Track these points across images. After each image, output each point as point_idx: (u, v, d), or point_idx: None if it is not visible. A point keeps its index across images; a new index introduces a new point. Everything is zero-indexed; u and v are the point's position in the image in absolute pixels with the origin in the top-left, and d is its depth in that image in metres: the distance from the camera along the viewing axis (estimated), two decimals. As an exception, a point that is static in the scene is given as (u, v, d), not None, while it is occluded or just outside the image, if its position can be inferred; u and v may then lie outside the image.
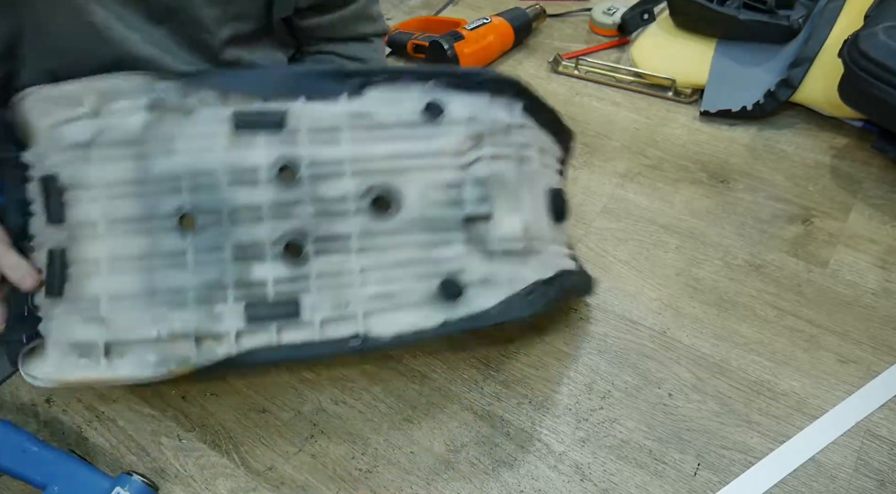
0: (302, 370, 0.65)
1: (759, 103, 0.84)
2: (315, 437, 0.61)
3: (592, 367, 0.64)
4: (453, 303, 0.55)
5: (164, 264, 0.51)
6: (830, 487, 0.55)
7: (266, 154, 0.52)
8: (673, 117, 0.88)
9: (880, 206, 0.76)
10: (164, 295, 0.51)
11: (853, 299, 0.68)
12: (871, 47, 0.71)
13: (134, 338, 0.52)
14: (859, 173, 0.79)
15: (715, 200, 0.78)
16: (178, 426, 0.61)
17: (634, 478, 0.57)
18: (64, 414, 0.63)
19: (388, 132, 0.55)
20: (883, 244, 0.72)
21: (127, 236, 0.52)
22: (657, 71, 0.90)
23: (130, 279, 0.51)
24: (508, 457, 0.59)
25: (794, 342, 0.65)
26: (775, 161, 0.81)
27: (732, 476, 0.57)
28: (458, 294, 0.54)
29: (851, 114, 0.81)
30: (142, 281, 0.51)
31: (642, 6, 0.96)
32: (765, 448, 0.58)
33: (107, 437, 0.61)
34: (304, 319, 0.53)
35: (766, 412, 0.60)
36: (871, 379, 0.62)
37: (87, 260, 0.52)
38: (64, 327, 0.52)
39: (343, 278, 0.54)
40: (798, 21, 0.83)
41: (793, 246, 0.73)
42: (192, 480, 0.58)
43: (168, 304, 0.51)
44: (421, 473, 0.58)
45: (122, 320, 0.52)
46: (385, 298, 0.54)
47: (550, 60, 0.96)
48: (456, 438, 0.60)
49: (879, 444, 0.58)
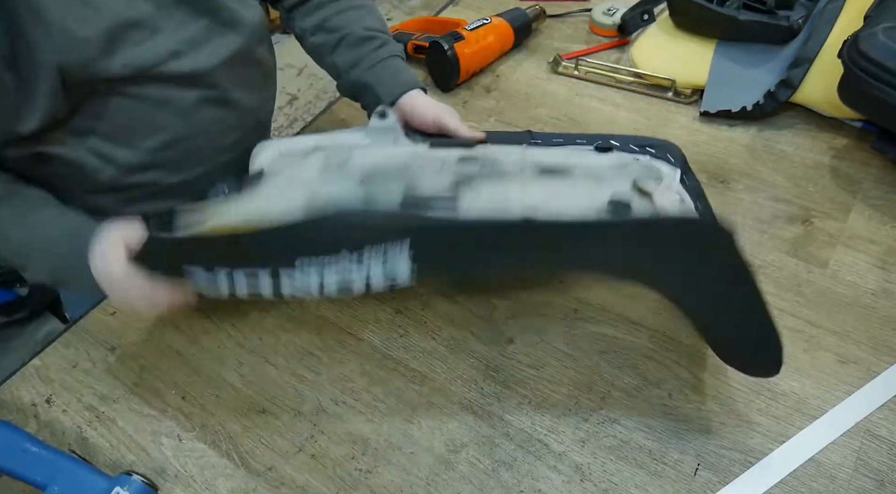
0: (302, 370, 0.65)
1: (759, 104, 0.84)
2: (315, 437, 0.61)
3: (592, 367, 0.64)
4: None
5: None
6: (830, 487, 0.55)
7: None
8: (673, 118, 0.88)
9: (880, 206, 0.76)
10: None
11: (853, 300, 0.68)
12: (871, 48, 0.71)
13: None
14: (859, 174, 0.79)
15: (715, 200, 0.77)
16: (178, 427, 0.61)
17: (634, 478, 0.57)
18: (64, 414, 0.63)
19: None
20: (883, 245, 0.72)
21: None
22: (657, 71, 0.90)
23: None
24: (508, 457, 0.59)
25: (793, 342, 0.65)
26: (775, 161, 0.81)
27: (732, 476, 0.57)
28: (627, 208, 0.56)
29: (851, 114, 0.81)
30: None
31: (642, 7, 0.96)
32: (765, 448, 0.58)
33: (107, 437, 0.61)
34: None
35: (766, 412, 0.60)
36: (871, 379, 0.62)
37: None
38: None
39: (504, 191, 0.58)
40: (798, 21, 0.83)
41: (793, 246, 0.73)
42: (192, 480, 0.58)
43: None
44: (421, 473, 0.58)
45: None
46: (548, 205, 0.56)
47: (550, 61, 0.96)
48: (456, 438, 0.60)
49: (879, 444, 0.58)
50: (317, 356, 0.66)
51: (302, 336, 0.67)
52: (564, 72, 0.95)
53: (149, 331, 0.68)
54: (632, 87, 0.92)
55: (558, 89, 0.93)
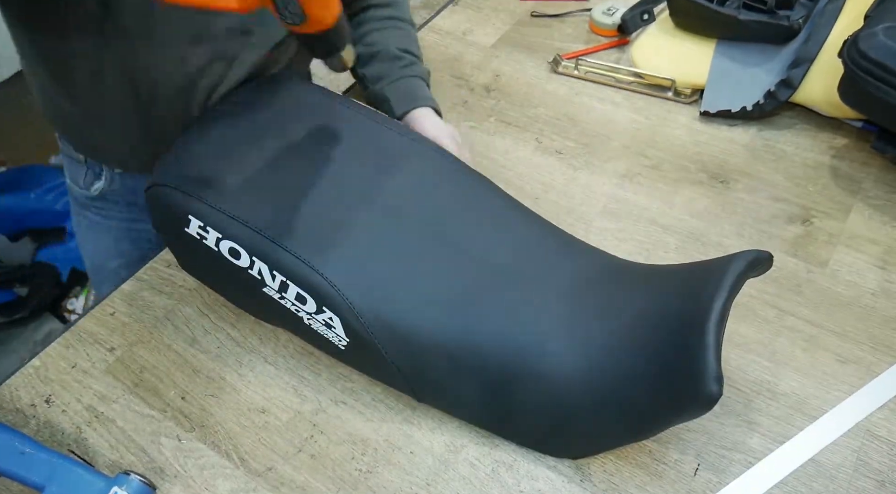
0: (302, 370, 0.65)
1: (759, 103, 0.84)
2: (315, 437, 0.61)
3: (592, 367, 0.64)
4: None
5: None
6: (830, 487, 0.55)
7: None
8: (673, 118, 0.88)
9: (880, 206, 0.76)
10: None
11: (853, 300, 0.68)
12: (871, 48, 0.71)
13: None
14: (859, 174, 0.79)
15: (715, 200, 0.78)
16: (178, 427, 0.61)
17: (634, 478, 0.57)
18: (63, 414, 0.63)
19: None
20: (883, 244, 0.72)
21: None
22: (657, 71, 0.90)
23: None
24: (508, 457, 0.59)
25: (793, 342, 0.65)
26: (775, 161, 0.81)
27: (732, 477, 0.57)
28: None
29: (851, 114, 0.81)
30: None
31: (642, 6, 0.96)
32: (765, 448, 0.58)
33: (106, 437, 0.61)
34: None
35: (766, 413, 0.60)
36: (871, 379, 0.62)
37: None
38: None
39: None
40: (798, 21, 0.83)
41: (793, 246, 0.72)
42: (192, 480, 0.58)
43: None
44: (421, 473, 0.58)
45: None
46: None
47: (550, 61, 0.96)
48: (456, 438, 0.60)
49: (879, 444, 0.58)
50: (317, 356, 0.66)
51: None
52: (564, 72, 0.95)
53: (149, 331, 0.68)
54: (632, 86, 0.92)
55: (558, 89, 0.93)
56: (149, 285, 0.72)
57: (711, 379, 0.47)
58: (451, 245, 0.59)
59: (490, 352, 0.55)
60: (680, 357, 0.49)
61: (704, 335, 0.48)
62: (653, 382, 0.51)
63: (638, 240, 0.74)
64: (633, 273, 0.60)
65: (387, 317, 0.55)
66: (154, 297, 0.71)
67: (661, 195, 0.79)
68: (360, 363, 0.62)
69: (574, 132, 0.87)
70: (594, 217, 0.77)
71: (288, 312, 0.59)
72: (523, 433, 0.58)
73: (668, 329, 0.51)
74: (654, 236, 0.74)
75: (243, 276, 0.59)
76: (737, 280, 0.51)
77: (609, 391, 0.53)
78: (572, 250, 0.63)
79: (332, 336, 0.58)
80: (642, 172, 0.81)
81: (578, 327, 0.56)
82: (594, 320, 0.56)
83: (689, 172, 0.81)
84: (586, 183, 0.80)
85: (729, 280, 0.50)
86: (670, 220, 0.76)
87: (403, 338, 0.55)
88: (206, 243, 0.59)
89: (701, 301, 0.50)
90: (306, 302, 0.56)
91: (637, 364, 0.52)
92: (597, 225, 0.76)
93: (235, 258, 0.58)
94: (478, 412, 0.59)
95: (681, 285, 0.54)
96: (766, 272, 0.55)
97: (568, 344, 0.55)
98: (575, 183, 0.80)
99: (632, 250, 0.73)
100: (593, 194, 0.79)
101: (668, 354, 0.51)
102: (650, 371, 0.51)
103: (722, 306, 0.49)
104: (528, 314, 0.57)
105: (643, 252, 0.73)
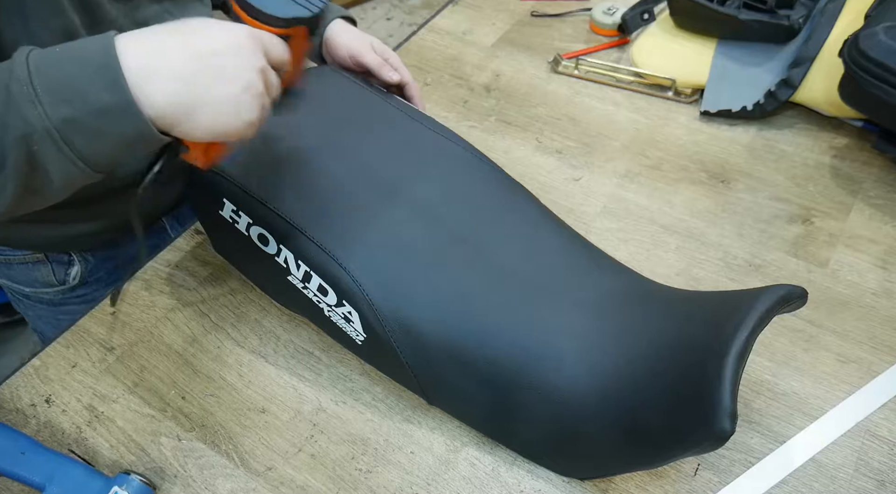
0: (302, 370, 0.65)
1: (760, 103, 0.84)
2: (315, 437, 0.61)
3: (592, 367, 0.64)
4: None
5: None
6: (830, 487, 0.55)
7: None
8: (673, 117, 0.88)
9: (880, 206, 0.76)
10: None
11: (853, 299, 0.68)
12: (871, 47, 0.71)
13: None
14: (859, 173, 0.79)
15: (715, 200, 0.78)
16: (178, 427, 0.61)
17: (634, 478, 0.57)
18: (64, 414, 0.63)
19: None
20: (883, 244, 0.72)
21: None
22: (657, 71, 0.90)
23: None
24: (508, 457, 0.59)
25: (794, 342, 0.65)
26: (775, 161, 0.81)
27: (732, 476, 0.57)
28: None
29: (851, 114, 0.81)
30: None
31: (642, 6, 0.96)
32: (765, 448, 0.58)
33: (106, 437, 0.61)
34: None
35: (766, 413, 0.60)
36: (871, 379, 0.62)
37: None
38: None
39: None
40: (798, 21, 0.83)
41: (793, 246, 0.72)
42: (192, 480, 0.58)
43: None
44: (421, 473, 0.58)
45: None
46: None
47: (550, 60, 0.96)
48: (456, 438, 0.60)
49: (879, 444, 0.58)
50: (317, 356, 0.66)
51: (302, 336, 0.67)
52: (564, 71, 0.95)
53: (149, 331, 0.68)
54: (632, 86, 0.92)
55: (558, 89, 0.93)
56: (149, 285, 0.72)
57: (725, 415, 0.44)
58: (477, 252, 0.58)
59: (504, 362, 0.54)
60: (696, 389, 0.47)
61: (722, 368, 0.46)
62: (666, 411, 0.49)
63: (638, 240, 0.74)
64: (661, 297, 0.59)
65: (405, 317, 0.55)
66: (154, 297, 0.71)
67: (662, 195, 0.79)
68: (375, 359, 0.61)
69: (574, 132, 0.87)
70: (594, 217, 0.77)
71: (310, 302, 0.59)
72: (531, 447, 0.58)
73: (687, 359, 0.49)
74: (654, 236, 0.74)
75: (270, 263, 0.60)
76: (764, 316, 0.48)
77: (620, 414, 0.52)
78: (602, 267, 0.62)
79: (350, 330, 0.58)
80: (642, 172, 0.81)
81: (597, 346, 0.54)
82: (614, 340, 0.54)
83: (690, 172, 0.81)
84: (586, 183, 0.80)
85: (755, 316, 0.48)
86: (670, 220, 0.76)
87: (419, 340, 0.55)
88: (237, 226, 0.60)
89: (724, 334, 0.48)
90: (328, 294, 0.56)
91: (652, 391, 0.50)
92: (597, 225, 0.76)
93: (264, 245, 0.59)
94: (487, 421, 0.59)
95: (706, 315, 0.52)
96: (799, 308, 0.52)
97: (584, 362, 0.54)
98: (575, 183, 0.80)
99: (632, 250, 0.73)
100: (593, 194, 0.79)
101: (684, 384, 0.49)
102: (664, 399, 0.49)
103: (744, 342, 0.47)
104: (546, 328, 0.56)
105: (643, 252, 0.73)
